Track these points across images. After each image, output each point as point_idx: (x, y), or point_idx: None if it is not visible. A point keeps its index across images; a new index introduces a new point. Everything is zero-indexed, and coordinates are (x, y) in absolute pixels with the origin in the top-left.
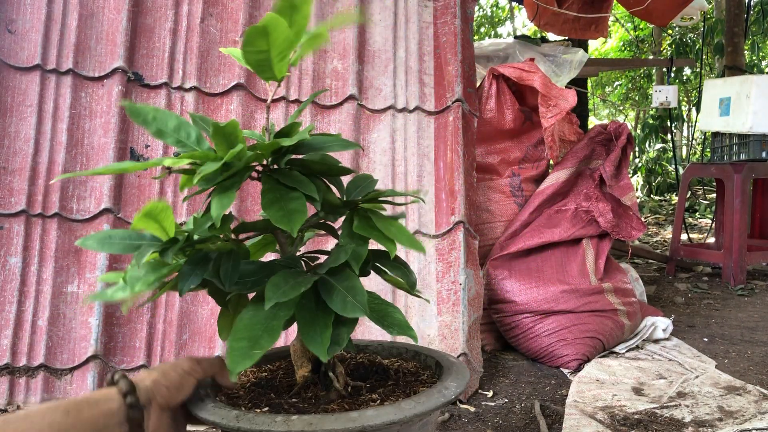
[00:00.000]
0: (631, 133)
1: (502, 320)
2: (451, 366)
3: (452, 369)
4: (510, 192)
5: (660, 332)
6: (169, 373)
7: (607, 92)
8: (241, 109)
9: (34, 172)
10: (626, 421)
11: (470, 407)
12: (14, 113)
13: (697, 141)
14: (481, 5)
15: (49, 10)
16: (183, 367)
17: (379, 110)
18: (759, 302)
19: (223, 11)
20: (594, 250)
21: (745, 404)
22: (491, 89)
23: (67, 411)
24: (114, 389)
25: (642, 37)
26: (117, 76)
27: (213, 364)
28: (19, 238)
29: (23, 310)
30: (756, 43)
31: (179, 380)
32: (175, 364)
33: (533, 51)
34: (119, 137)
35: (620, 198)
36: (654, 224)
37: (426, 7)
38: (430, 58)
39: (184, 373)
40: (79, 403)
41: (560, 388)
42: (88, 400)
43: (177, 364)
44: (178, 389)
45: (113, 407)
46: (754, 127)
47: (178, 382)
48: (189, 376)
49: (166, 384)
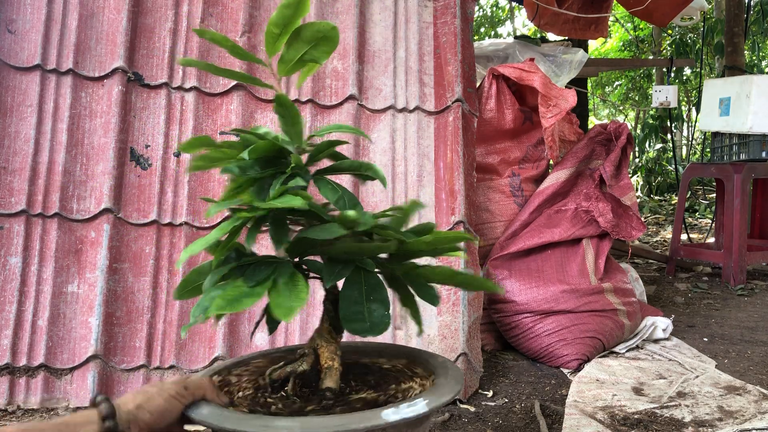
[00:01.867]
0: (631, 133)
1: (502, 320)
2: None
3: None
4: (510, 192)
5: (660, 332)
6: (154, 399)
7: (607, 92)
8: (241, 109)
9: (34, 172)
10: (626, 421)
11: (470, 407)
12: (14, 113)
13: (697, 141)
14: (481, 5)
15: (49, 10)
16: (169, 392)
17: (379, 110)
18: (759, 302)
19: (223, 11)
20: (594, 250)
21: (745, 404)
22: (491, 89)
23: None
24: (95, 412)
25: (642, 37)
26: (117, 76)
27: (201, 386)
28: (19, 238)
29: (23, 310)
30: (756, 43)
31: (164, 406)
32: (161, 389)
33: (533, 51)
34: (119, 137)
35: (620, 198)
36: (654, 224)
37: (426, 7)
38: (430, 58)
39: (170, 398)
40: (59, 426)
41: (560, 388)
42: (68, 423)
43: (163, 389)
44: (162, 415)
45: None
46: (754, 127)
47: (163, 408)
48: (175, 401)
49: (149, 410)
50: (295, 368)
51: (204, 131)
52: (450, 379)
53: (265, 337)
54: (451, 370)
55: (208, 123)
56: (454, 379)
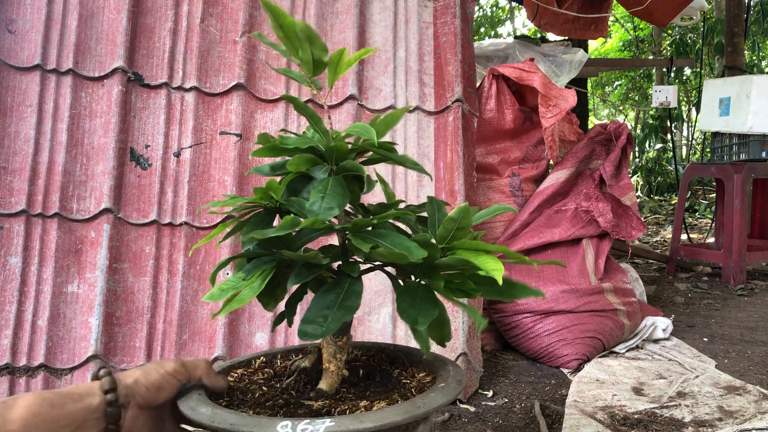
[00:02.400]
0: (631, 133)
1: (502, 320)
2: (447, 374)
3: (447, 376)
4: (510, 192)
5: (660, 332)
6: (151, 374)
7: (607, 92)
8: (241, 109)
9: (34, 172)
10: (626, 420)
11: (470, 407)
12: (14, 113)
13: (697, 141)
14: (481, 5)
15: (49, 10)
16: (166, 368)
17: (379, 110)
18: (759, 302)
19: (223, 11)
20: (594, 250)
21: (745, 404)
22: (491, 89)
23: (52, 404)
24: (97, 384)
25: (642, 37)
26: (117, 76)
27: (198, 367)
28: (19, 238)
29: (23, 310)
30: (756, 43)
31: (160, 381)
32: (159, 364)
33: (533, 51)
34: (119, 137)
35: (620, 198)
36: (654, 224)
37: (426, 7)
38: (430, 58)
39: (167, 374)
40: (64, 396)
41: (560, 388)
42: (72, 394)
43: (161, 365)
44: (158, 390)
45: (93, 403)
46: (754, 127)
47: (159, 383)
48: (171, 377)
49: (146, 384)
50: (298, 365)
51: (204, 131)
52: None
53: (266, 338)
54: (452, 370)
55: (208, 123)
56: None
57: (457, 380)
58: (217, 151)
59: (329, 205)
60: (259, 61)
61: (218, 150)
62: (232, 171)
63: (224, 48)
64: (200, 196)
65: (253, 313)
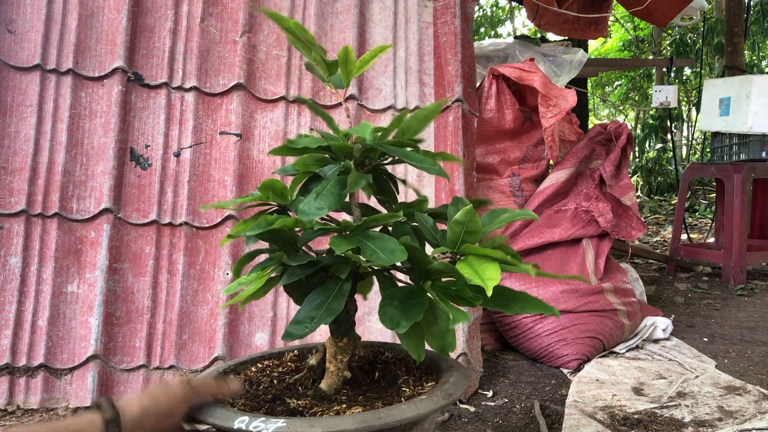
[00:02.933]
0: (631, 133)
1: (502, 320)
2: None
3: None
4: (510, 192)
5: (660, 332)
6: (160, 400)
7: (607, 92)
8: (241, 109)
9: (34, 172)
10: (626, 421)
11: (470, 407)
12: (14, 113)
13: (697, 141)
14: (481, 5)
15: (49, 10)
16: (176, 392)
17: (379, 110)
18: (759, 302)
19: (223, 11)
20: (594, 250)
21: (745, 404)
22: (491, 89)
23: None
24: (98, 416)
25: (642, 37)
26: (117, 76)
27: (207, 385)
28: (19, 238)
29: (23, 310)
30: (756, 43)
31: (170, 408)
32: (167, 390)
33: (533, 51)
34: (119, 137)
35: (620, 198)
36: (654, 224)
37: (426, 7)
38: (430, 58)
39: (177, 399)
40: (61, 429)
41: (560, 388)
42: (69, 426)
43: (169, 390)
44: (168, 417)
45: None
46: (754, 127)
47: (169, 410)
48: (181, 402)
49: (156, 413)
50: (307, 362)
51: (204, 131)
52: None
53: (266, 338)
54: (452, 380)
55: (208, 123)
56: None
57: (446, 394)
58: (217, 151)
59: (320, 205)
60: (259, 61)
61: (218, 150)
62: (232, 171)
63: (224, 48)
64: (200, 196)
65: (253, 313)
